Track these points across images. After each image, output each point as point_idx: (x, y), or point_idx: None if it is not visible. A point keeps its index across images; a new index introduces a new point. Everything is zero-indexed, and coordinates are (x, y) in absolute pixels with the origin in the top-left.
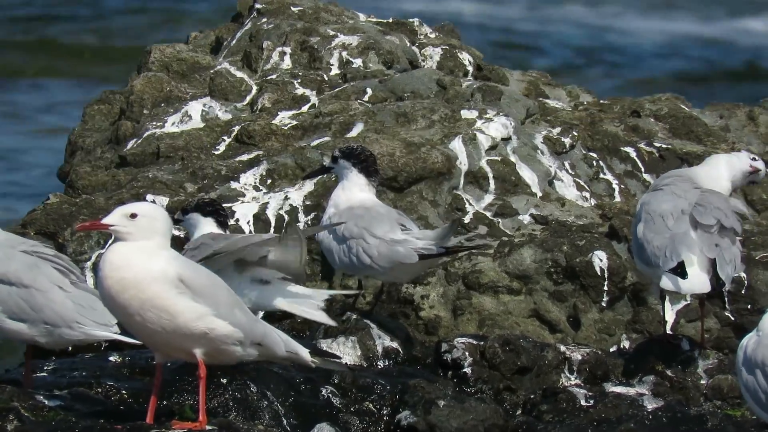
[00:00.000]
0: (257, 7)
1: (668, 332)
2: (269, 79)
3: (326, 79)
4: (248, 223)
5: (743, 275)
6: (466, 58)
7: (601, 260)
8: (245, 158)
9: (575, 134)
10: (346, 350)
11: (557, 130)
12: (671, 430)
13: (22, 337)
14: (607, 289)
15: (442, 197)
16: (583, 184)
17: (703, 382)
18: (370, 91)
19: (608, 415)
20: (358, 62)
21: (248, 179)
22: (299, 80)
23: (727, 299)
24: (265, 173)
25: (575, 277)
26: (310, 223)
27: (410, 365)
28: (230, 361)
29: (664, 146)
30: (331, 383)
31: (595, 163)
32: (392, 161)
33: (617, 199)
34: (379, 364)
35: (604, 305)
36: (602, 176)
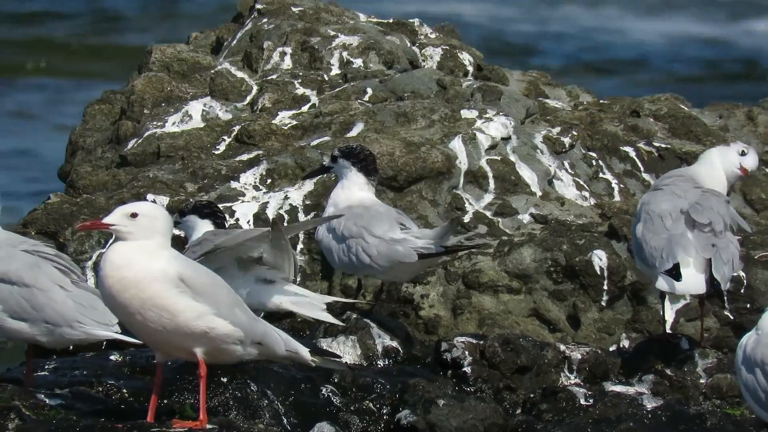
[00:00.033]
0: (258, 7)
1: (668, 331)
2: (269, 79)
3: (326, 79)
4: (248, 222)
5: (742, 274)
6: (466, 58)
7: (600, 259)
8: (245, 158)
9: (575, 134)
10: (346, 349)
11: (557, 129)
12: (670, 429)
13: (23, 336)
14: (606, 288)
15: (441, 197)
16: (582, 183)
17: (702, 381)
18: (370, 91)
19: (608, 414)
20: (358, 62)
21: (248, 179)
22: (299, 80)
23: (726, 298)
24: (265, 173)
25: (575, 276)
26: None
27: (410, 364)
28: (231, 360)
29: (663, 146)
30: (331, 382)
31: (594, 162)
32: (392, 161)
33: (617, 198)
34: (379, 363)
35: (603, 304)
36: (602, 176)
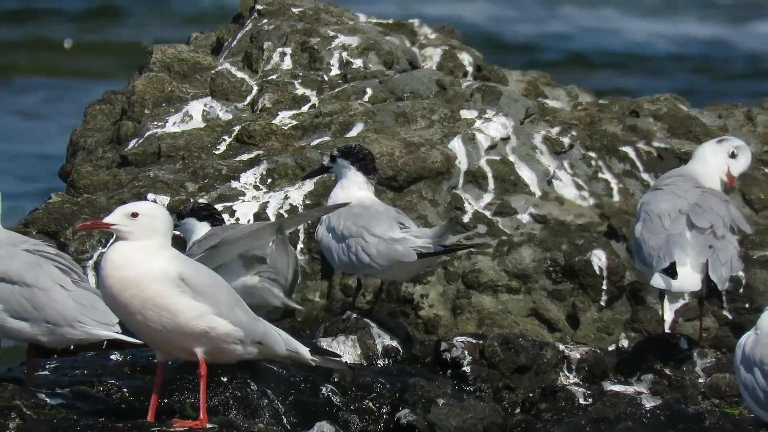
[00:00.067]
0: (258, 8)
1: (667, 331)
2: (270, 79)
3: (326, 79)
4: (248, 222)
5: (741, 274)
6: (465, 58)
7: (599, 259)
8: (245, 158)
9: (574, 134)
10: (346, 349)
11: (556, 129)
12: (669, 428)
13: (23, 335)
14: (605, 288)
15: (441, 197)
16: (581, 183)
17: (701, 380)
18: (370, 91)
19: (607, 413)
20: (358, 63)
21: (248, 179)
22: (299, 80)
23: (725, 298)
24: (265, 173)
25: (574, 276)
26: (309, 222)
27: (410, 364)
28: (231, 359)
29: (662, 146)
30: (331, 382)
31: (593, 162)
32: (392, 161)
33: (616, 198)
34: (378, 362)
35: (602, 304)
36: (601, 176)
